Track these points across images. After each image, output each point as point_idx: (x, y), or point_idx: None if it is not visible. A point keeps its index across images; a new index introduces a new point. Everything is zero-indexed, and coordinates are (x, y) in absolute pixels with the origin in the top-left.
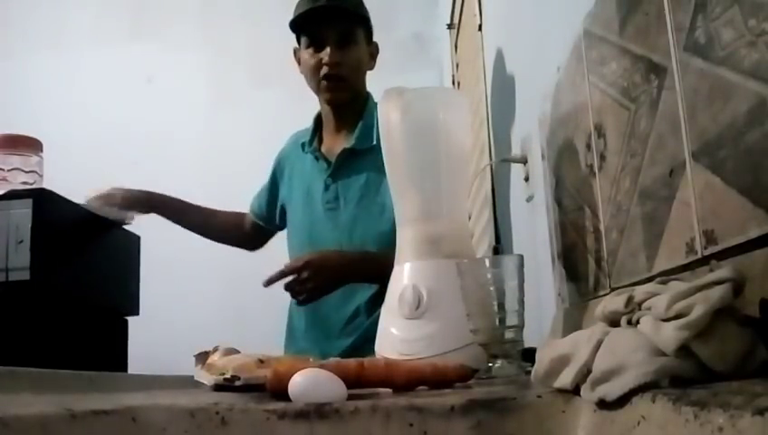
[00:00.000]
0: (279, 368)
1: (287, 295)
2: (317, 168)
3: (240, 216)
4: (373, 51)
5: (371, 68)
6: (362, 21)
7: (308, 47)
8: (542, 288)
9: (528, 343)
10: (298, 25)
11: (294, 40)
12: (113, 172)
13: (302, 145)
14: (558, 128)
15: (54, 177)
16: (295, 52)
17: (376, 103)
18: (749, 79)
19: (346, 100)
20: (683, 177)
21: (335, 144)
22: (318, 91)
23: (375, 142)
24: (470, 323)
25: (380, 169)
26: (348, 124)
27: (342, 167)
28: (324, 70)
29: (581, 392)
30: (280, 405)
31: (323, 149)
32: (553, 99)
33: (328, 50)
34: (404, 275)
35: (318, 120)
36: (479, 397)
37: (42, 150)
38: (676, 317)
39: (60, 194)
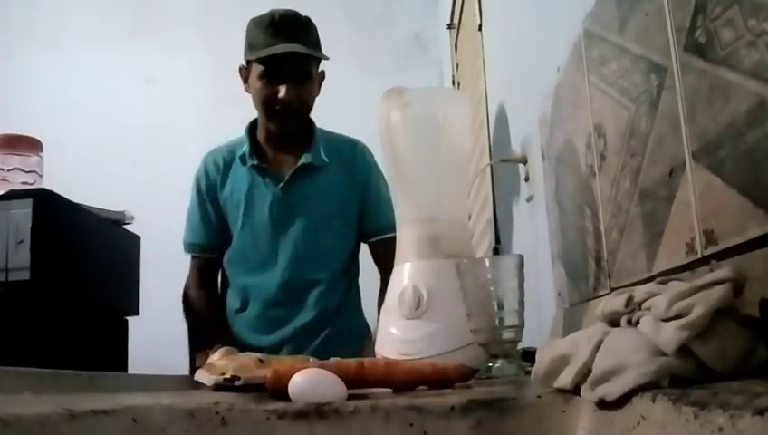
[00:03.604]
0: (279, 368)
1: None
2: (261, 181)
3: (213, 294)
4: (321, 79)
5: (318, 94)
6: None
7: (262, 77)
8: (542, 288)
9: (528, 343)
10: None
11: None
12: (113, 172)
13: (241, 158)
14: (558, 128)
15: (54, 177)
16: (241, 70)
17: (322, 131)
18: (749, 79)
19: (296, 130)
20: (683, 177)
21: (283, 159)
22: (267, 118)
23: (327, 160)
24: (470, 323)
25: (337, 187)
26: (295, 142)
27: (296, 181)
28: (279, 104)
29: (581, 392)
30: (280, 405)
31: (268, 162)
32: (553, 99)
33: (284, 87)
34: (404, 275)
35: (252, 134)
36: (479, 397)
37: (42, 150)
38: (676, 317)
39: (60, 194)
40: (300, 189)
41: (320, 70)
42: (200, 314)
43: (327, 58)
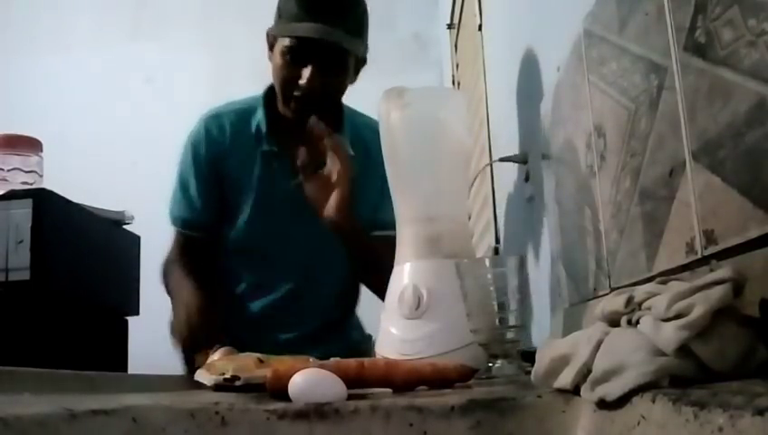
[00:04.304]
0: (279, 368)
1: None
2: (276, 169)
3: (201, 283)
4: (360, 66)
5: (353, 82)
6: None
7: (284, 54)
8: (542, 288)
9: (528, 343)
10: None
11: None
12: (113, 172)
13: (256, 136)
14: (558, 128)
15: (54, 177)
16: (268, 35)
17: (351, 112)
18: (749, 79)
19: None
20: (683, 177)
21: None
22: (284, 102)
23: (353, 154)
24: (470, 323)
25: (357, 180)
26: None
27: (316, 170)
28: (297, 90)
29: (581, 392)
30: (280, 405)
31: (286, 148)
32: (553, 99)
33: (308, 72)
34: (404, 275)
35: (269, 105)
36: (479, 397)
37: (42, 150)
38: (676, 317)
39: (60, 194)
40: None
41: (362, 56)
42: (187, 308)
43: (363, 54)
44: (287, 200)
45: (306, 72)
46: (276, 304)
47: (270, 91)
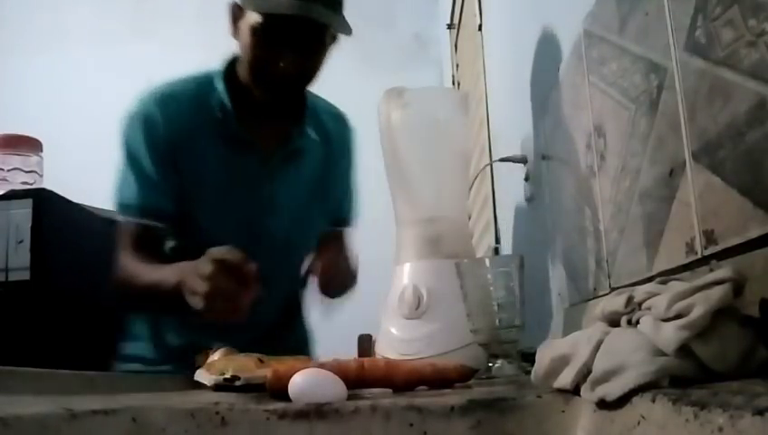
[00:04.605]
0: (279, 368)
1: None
2: (240, 157)
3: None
4: (333, 44)
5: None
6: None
7: (256, 33)
8: (542, 288)
9: (528, 342)
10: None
11: None
12: (113, 172)
13: (220, 120)
14: (558, 128)
15: (54, 177)
16: (233, 7)
17: (312, 97)
18: (749, 79)
19: (288, 102)
20: (683, 177)
21: (268, 131)
22: (255, 84)
23: (317, 138)
24: (470, 323)
25: (321, 169)
26: (284, 112)
27: (283, 162)
28: (273, 73)
29: (581, 392)
30: (280, 405)
31: (252, 133)
32: (553, 99)
33: (287, 56)
34: (404, 275)
35: (232, 85)
36: (479, 397)
37: (42, 150)
38: (677, 317)
39: (60, 194)
40: (285, 173)
41: (339, 34)
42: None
43: (349, 32)
44: (257, 190)
45: (284, 56)
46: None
47: (230, 66)
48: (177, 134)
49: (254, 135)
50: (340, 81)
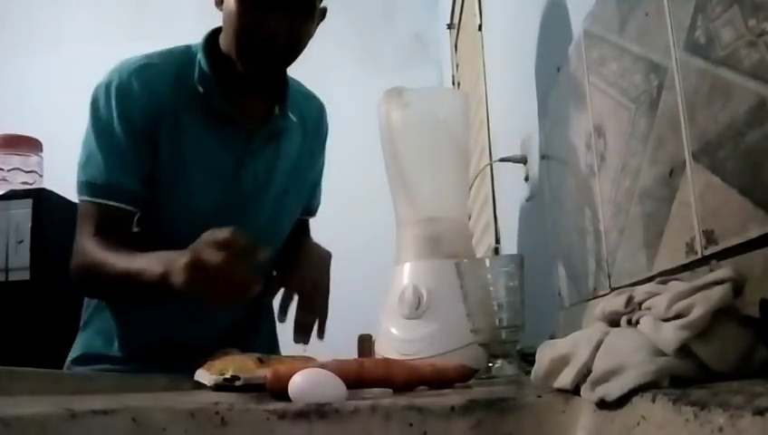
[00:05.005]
0: (279, 368)
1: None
2: (222, 134)
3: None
4: (321, 17)
5: (313, 35)
6: None
7: None
8: (542, 288)
9: (528, 342)
10: None
11: None
12: None
13: (199, 91)
14: (558, 128)
15: (54, 177)
16: None
17: (291, 81)
18: (749, 79)
19: (271, 76)
20: (683, 177)
21: (251, 108)
22: (240, 55)
23: (295, 120)
24: (470, 323)
25: (297, 154)
26: (265, 87)
27: (263, 141)
28: (261, 39)
29: (581, 392)
30: (280, 405)
31: (235, 109)
32: (553, 99)
33: (274, 17)
34: (404, 275)
35: (213, 57)
36: (479, 397)
37: (42, 150)
38: (676, 317)
39: (60, 194)
40: (265, 154)
41: (322, 6)
42: (118, 255)
43: None
44: (238, 168)
45: (272, 18)
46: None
47: (210, 41)
48: (156, 106)
49: (237, 111)
50: (340, 81)
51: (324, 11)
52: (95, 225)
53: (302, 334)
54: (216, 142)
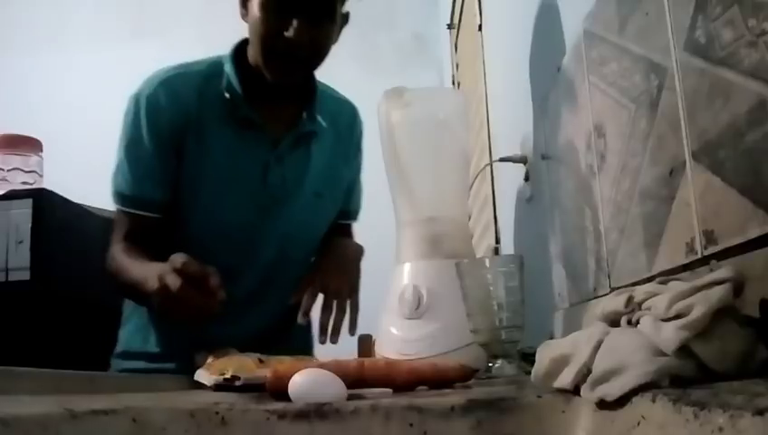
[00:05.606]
0: (279, 368)
1: None
2: (249, 140)
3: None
4: (344, 22)
5: (336, 41)
6: None
7: (266, 6)
8: (542, 288)
9: (528, 342)
10: None
11: None
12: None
13: (227, 99)
14: (558, 128)
15: (54, 177)
16: None
17: (322, 86)
18: (749, 79)
19: (298, 82)
20: (683, 177)
21: (278, 114)
22: (265, 62)
23: (326, 124)
24: (470, 323)
25: (331, 158)
26: (293, 94)
27: (292, 147)
28: (284, 46)
29: (581, 392)
30: (280, 405)
31: (261, 116)
32: (553, 99)
33: (295, 23)
34: (404, 275)
35: (241, 66)
36: (479, 397)
37: (42, 150)
38: (677, 317)
39: (60, 194)
40: (294, 158)
41: (344, 11)
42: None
43: None
44: (267, 174)
45: (293, 24)
46: (235, 300)
47: (239, 50)
48: (183, 115)
49: (264, 117)
50: (340, 81)
51: (347, 15)
52: (123, 231)
53: (324, 334)
54: (241, 147)
